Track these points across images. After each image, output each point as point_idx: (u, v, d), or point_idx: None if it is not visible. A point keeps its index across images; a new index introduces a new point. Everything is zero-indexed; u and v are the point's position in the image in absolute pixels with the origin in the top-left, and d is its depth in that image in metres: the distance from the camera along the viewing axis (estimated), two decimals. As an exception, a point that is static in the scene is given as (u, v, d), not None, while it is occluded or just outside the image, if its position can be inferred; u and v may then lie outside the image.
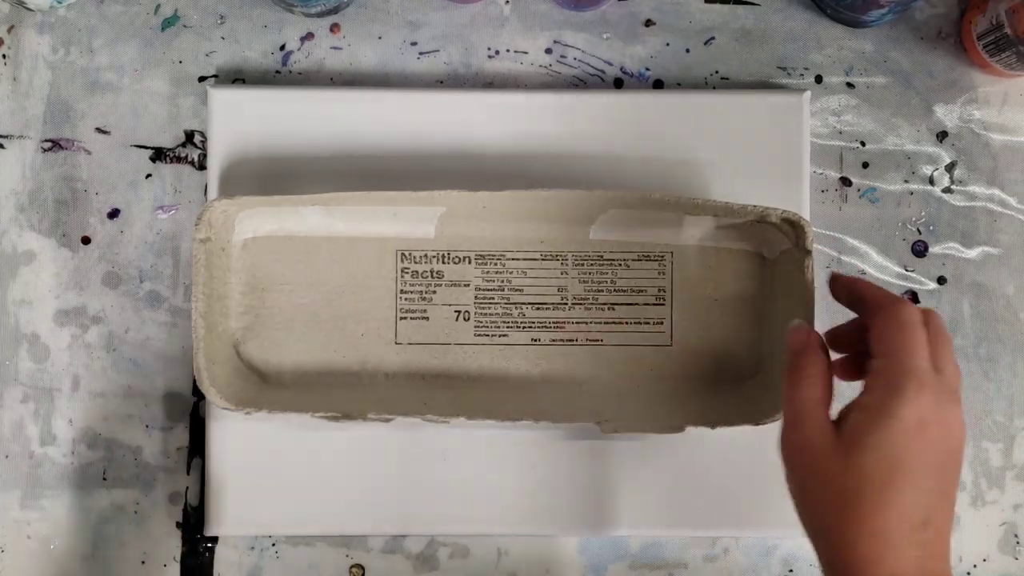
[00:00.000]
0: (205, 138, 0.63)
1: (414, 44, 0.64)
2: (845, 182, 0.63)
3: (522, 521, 0.62)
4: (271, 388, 0.61)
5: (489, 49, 0.64)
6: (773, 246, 0.60)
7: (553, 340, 0.62)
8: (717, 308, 0.62)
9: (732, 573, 0.63)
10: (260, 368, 0.61)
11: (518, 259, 0.62)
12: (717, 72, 0.64)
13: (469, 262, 0.62)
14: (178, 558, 0.63)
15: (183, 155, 0.63)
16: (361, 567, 0.63)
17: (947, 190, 0.64)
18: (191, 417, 0.63)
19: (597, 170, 0.61)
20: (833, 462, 0.47)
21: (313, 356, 0.61)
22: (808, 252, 0.57)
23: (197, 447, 0.63)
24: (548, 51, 0.64)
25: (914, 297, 0.63)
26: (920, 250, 0.63)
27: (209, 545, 0.63)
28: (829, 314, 0.63)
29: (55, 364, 0.63)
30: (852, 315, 0.62)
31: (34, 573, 0.63)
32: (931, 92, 0.64)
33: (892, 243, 0.63)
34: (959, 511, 0.63)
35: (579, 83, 0.64)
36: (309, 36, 0.64)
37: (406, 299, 0.62)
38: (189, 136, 0.63)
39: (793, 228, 0.58)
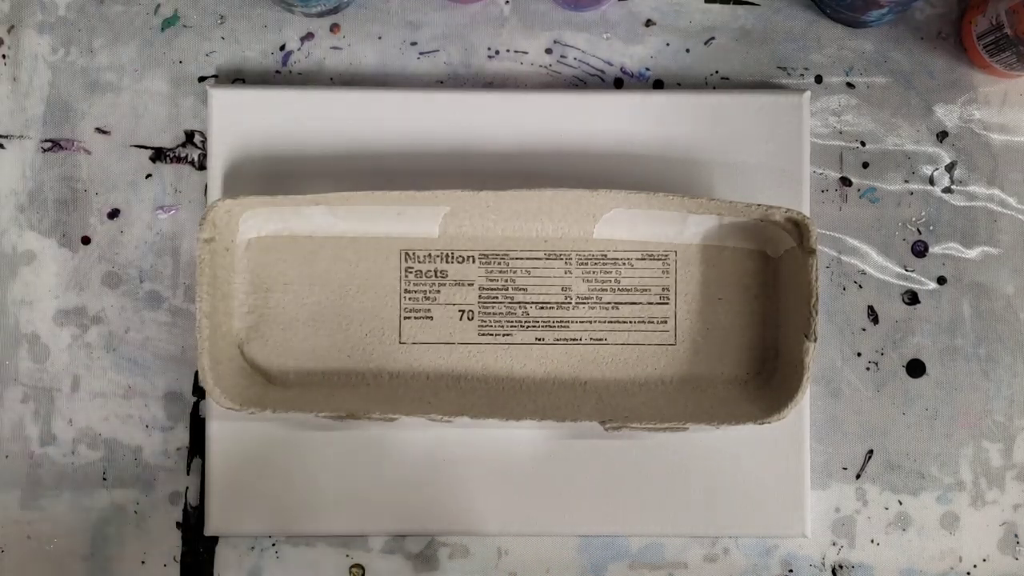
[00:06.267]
0: (205, 138, 0.63)
1: (414, 44, 0.64)
2: (845, 182, 0.64)
3: (522, 521, 0.62)
4: (275, 388, 0.61)
5: (489, 49, 0.64)
6: (777, 245, 0.60)
7: (557, 339, 0.62)
8: (721, 307, 0.62)
9: (732, 573, 0.63)
10: (264, 368, 0.61)
11: (522, 258, 0.62)
12: (717, 72, 0.64)
13: (473, 261, 0.62)
14: (178, 558, 0.63)
15: (183, 155, 0.63)
16: (361, 567, 0.63)
17: (947, 190, 0.64)
18: (191, 417, 0.63)
19: (597, 170, 0.61)
20: None
21: (317, 356, 0.61)
22: (812, 251, 0.57)
23: (197, 447, 0.63)
24: (548, 51, 0.64)
25: (914, 297, 0.63)
26: (920, 250, 0.63)
27: (209, 545, 0.63)
28: (831, 314, 0.63)
29: (55, 364, 0.63)
30: (857, 314, 0.63)
31: (34, 573, 0.63)
32: (931, 92, 0.64)
33: (892, 243, 0.63)
34: (959, 511, 0.63)
35: (579, 83, 0.64)
36: (309, 36, 0.64)
37: (410, 299, 0.62)
38: (189, 136, 0.63)
39: (797, 227, 0.58)
